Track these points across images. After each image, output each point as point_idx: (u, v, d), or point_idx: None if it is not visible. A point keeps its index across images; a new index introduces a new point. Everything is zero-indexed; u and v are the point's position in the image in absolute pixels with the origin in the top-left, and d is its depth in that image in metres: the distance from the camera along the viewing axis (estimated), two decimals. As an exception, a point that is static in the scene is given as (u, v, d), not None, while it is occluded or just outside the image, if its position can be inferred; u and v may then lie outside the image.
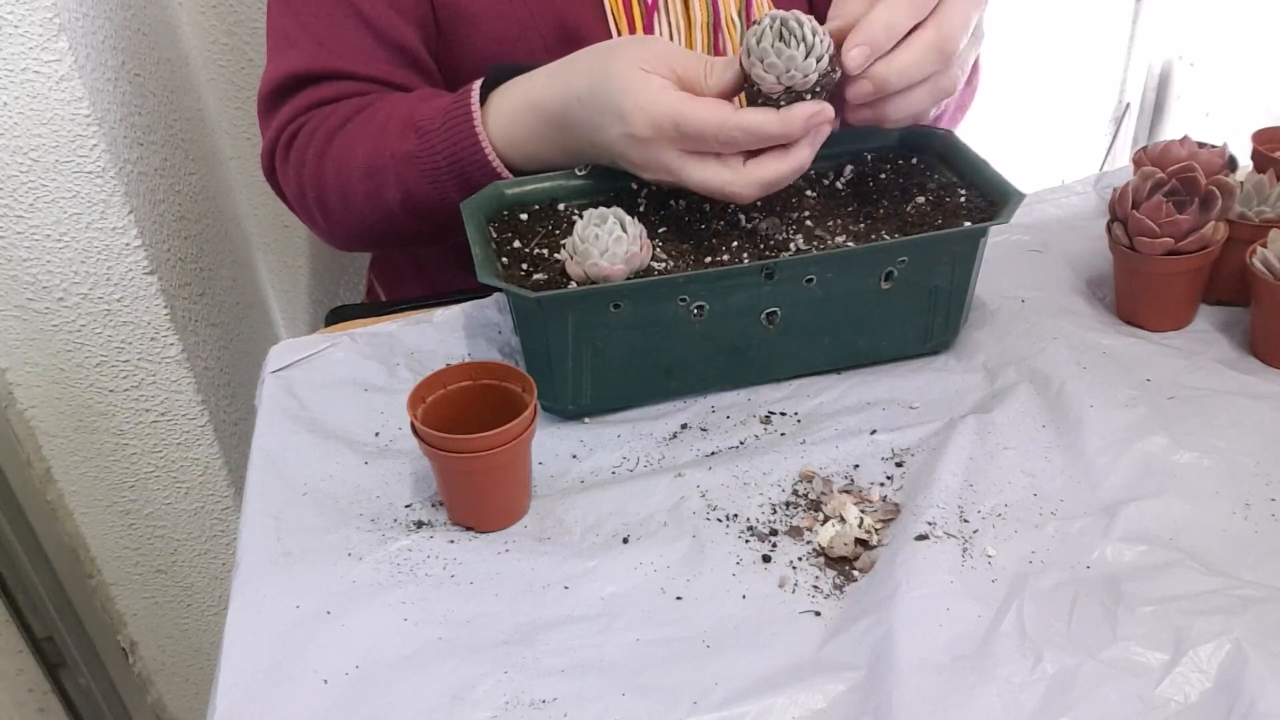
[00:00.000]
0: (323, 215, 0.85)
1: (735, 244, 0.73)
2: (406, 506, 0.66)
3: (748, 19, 0.88)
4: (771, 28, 0.65)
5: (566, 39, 0.85)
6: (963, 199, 0.75)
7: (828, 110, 0.67)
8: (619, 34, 0.85)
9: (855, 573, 0.60)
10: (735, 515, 0.64)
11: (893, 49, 0.67)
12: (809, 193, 0.78)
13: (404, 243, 0.87)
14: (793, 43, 0.65)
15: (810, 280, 0.69)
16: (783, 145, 0.67)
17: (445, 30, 0.87)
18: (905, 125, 0.72)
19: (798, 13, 0.66)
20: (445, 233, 0.76)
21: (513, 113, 0.77)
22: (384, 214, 0.82)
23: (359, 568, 0.61)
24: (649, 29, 0.85)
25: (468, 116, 0.77)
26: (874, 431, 0.69)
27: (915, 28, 0.67)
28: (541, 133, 0.75)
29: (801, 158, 0.68)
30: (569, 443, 0.70)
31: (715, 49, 0.88)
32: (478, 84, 0.78)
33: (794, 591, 0.59)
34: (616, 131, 0.70)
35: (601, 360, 0.69)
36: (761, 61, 0.65)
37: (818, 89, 0.67)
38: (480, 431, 0.59)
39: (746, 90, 0.68)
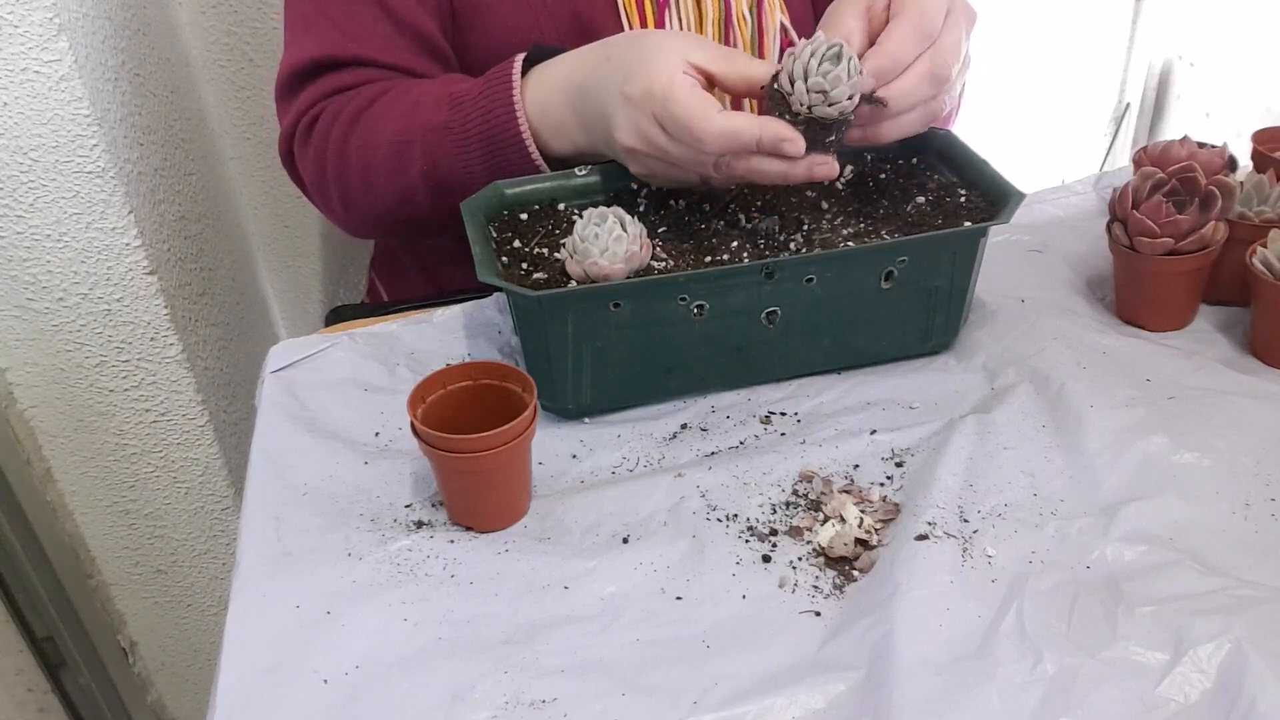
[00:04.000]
0: (341, 198, 0.86)
1: (735, 244, 0.73)
2: (406, 506, 0.66)
3: (759, 15, 0.88)
4: (824, 52, 0.66)
5: (580, 30, 0.86)
6: (963, 199, 0.75)
7: (799, 142, 0.67)
8: (630, 27, 0.85)
9: (855, 573, 0.60)
10: (735, 515, 0.64)
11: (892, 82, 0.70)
12: (809, 192, 0.78)
13: (418, 228, 0.88)
14: (840, 70, 0.66)
15: (810, 280, 0.69)
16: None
17: (460, 19, 0.87)
18: (907, 129, 0.73)
19: (844, 43, 0.67)
20: (459, 219, 0.77)
21: (549, 84, 0.78)
22: (404, 193, 0.82)
23: (359, 568, 0.61)
24: (660, 23, 0.86)
25: (507, 84, 0.78)
26: (874, 431, 0.69)
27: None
28: (568, 99, 0.76)
29: (795, 171, 0.69)
30: (569, 443, 0.70)
31: (726, 44, 0.88)
32: (520, 56, 0.79)
33: (794, 591, 0.59)
34: (616, 89, 0.71)
35: (601, 360, 0.69)
36: (806, 80, 0.66)
37: (843, 121, 0.68)
38: (480, 431, 0.59)
39: (769, 105, 0.69)
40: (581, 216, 0.68)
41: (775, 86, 0.68)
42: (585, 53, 0.77)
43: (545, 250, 0.73)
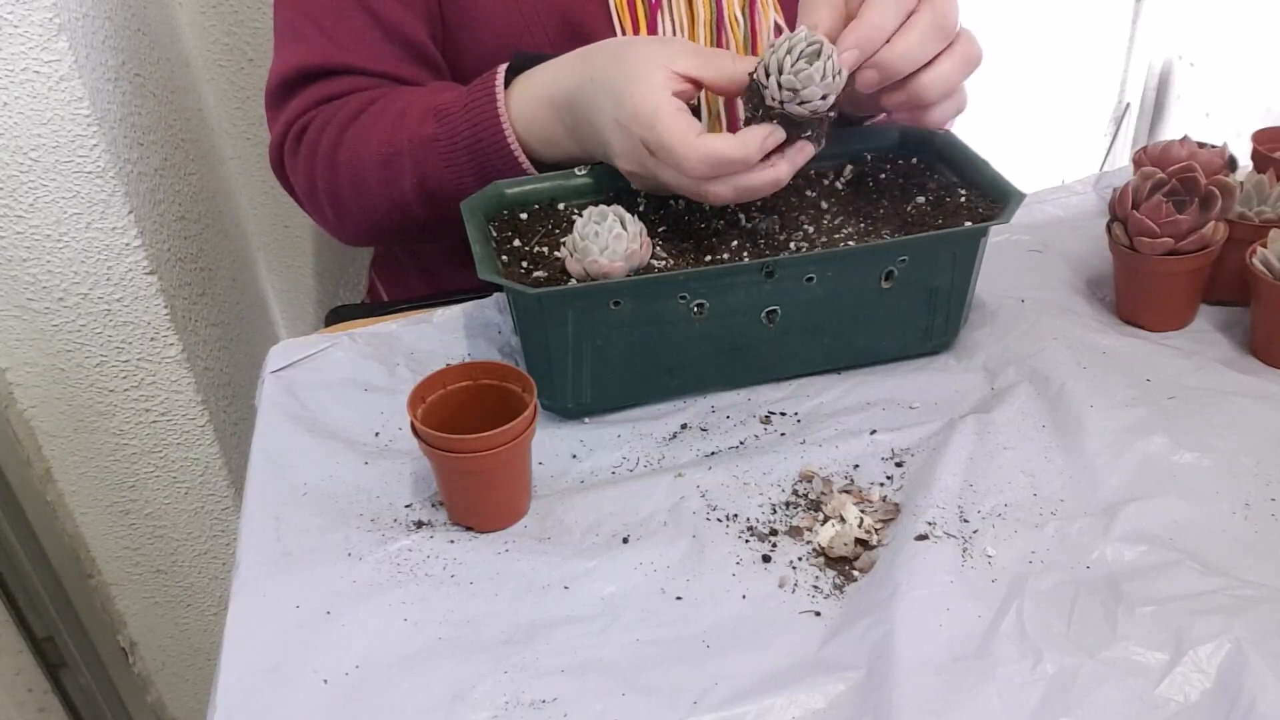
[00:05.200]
0: (333, 208, 0.85)
1: (735, 243, 0.73)
2: (406, 506, 0.66)
3: (752, 16, 0.88)
4: (803, 49, 0.66)
5: (571, 35, 0.85)
6: (963, 199, 0.75)
7: (779, 133, 0.67)
8: (622, 30, 0.85)
9: (855, 573, 0.60)
10: (735, 515, 0.64)
11: (893, 38, 0.69)
12: (809, 192, 0.78)
13: (413, 236, 0.88)
14: (814, 69, 0.66)
15: (810, 279, 0.69)
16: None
17: (450, 26, 0.87)
18: (951, 113, 0.73)
19: (825, 42, 0.67)
20: (455, 226, 0.77)
21: (533, 94, 0.77)
22: (397, 203, 0.82)
23: (359, 568, 0.61)
24: (652, 26, 0.85)
25: (491, 98, 0.77)
26: (874, 431, 0.69)
27: (910, 17, 0.70)
28: (556, 113, 0.76)
29: (780, 172, 0.68)
30: (569, 443, 0.70)
31: (719, 46, 0.88)
32: (503, 67, 0.79)
33: (794, 591, 0.59)
34: (610, 114, 0.70)
35: (601, 359, 0.69)
36: (780, 75, 0.66)
37: (816, 120, 0.68)
38: (480, 431, 0.59)
39: (745, 101, 0.69)
40: (581, 215, 0.68)
41: (753, 78, 0.68)
42: (567, 63, 0.76)
43: (545, 249, 0.73)
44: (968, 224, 0.72)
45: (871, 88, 0.70)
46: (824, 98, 0.66)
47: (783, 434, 0.70)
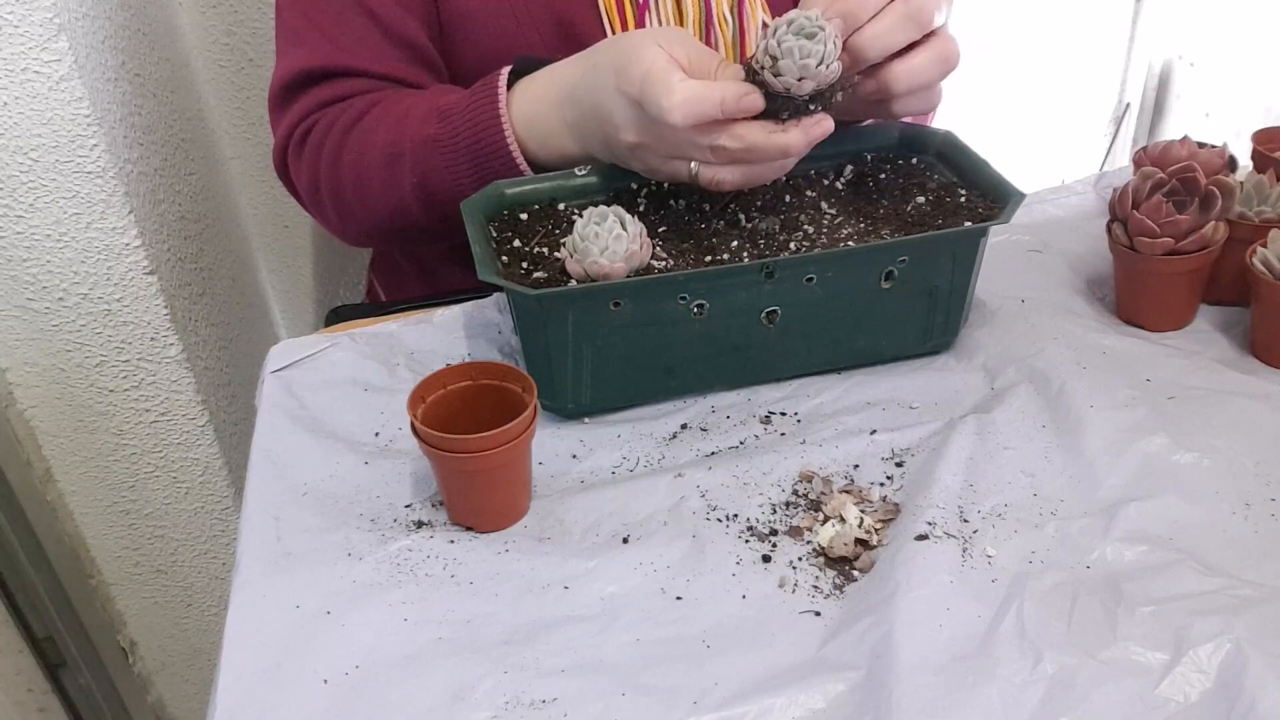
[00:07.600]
0: (336, 209, 0.86)
1: (735, 243, 0.73)
2: (406, 506, 0.66)
3: (740, 15, 0.88)
4: (802, 25, 0.65)
5: (563, 35, 0.86)
6: (963, 199, 0.75)
7: (756, 96, 0.66)
8: (612, 30, 0.85)
9: (855, 573, 0.60)
10: (735, 515, 0.64)
11: (866, 23, 0.69)
12: (809, 193, 0.78)
13: (414, 238, 0.88)
14: (797, 44, 0.65)
15: (810, 279, 0.69)
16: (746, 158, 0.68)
17: (447, 28, 0.87)
18: (918, 107, 0.73)
19: (826, 28, 0.66)
20: (454, 228, 0.77)
21: (535, 94, 0.78)
22: (398, 204, 0.82)
23: (359, 568, 0.61)
24: (641, 25, 0.86)
25: (493, 98, 0.78)
26: (874, 431, 0.69)
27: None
28: (558, 110, 0.76)
29: (757, 172, 0.68)
30: (569, 443, 0.70)
31: (707, 46, 0.88)
32: (506, 69, 0.79)
33: (794, 591, 0.59)
34: (612, 87, 0.70)
35: (601, 359, 0.69)
36: (767, 40, 0.65)
37: (790, 99, 0.67)
38: (480, 431, 0.59)
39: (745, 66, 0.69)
40: (581, 216, 0.68)
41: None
42: (572, 62, 0.76)
43: (545, 249, 0.73)
44: (968, 224, 0.72)
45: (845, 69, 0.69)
46: (801, 80, 0.65)
47: (783, 434, 0.70)
